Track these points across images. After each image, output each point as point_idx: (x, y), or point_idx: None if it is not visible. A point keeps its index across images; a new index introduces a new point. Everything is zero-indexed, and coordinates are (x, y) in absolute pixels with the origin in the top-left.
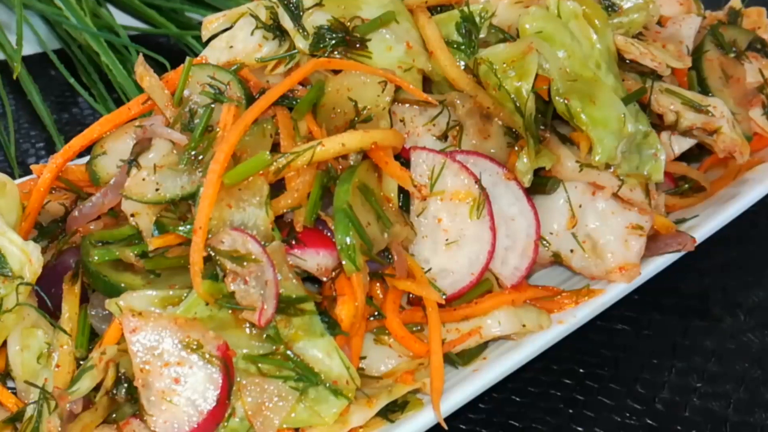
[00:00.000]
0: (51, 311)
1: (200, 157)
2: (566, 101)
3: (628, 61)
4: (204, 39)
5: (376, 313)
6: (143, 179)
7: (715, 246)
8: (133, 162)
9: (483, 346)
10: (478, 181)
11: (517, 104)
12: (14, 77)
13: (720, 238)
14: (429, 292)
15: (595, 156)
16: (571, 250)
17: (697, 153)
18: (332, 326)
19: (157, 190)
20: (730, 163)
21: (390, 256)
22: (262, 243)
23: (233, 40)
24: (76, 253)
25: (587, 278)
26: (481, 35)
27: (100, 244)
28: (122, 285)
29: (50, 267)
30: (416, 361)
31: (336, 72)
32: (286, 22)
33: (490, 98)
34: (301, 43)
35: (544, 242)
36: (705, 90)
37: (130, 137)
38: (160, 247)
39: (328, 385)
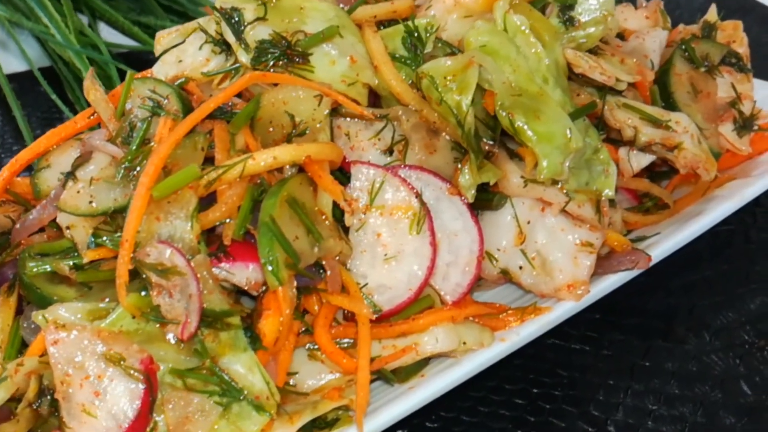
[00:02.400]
0: None
1: (136, 170)
2: (510, 116)
3: (580, 76)
4: (157, 54)
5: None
6: (78, 192)
7: (686, 265)
8: (70, 175)
9: (423, 363)
10: (418, 196)
11: (458, 118)
12: None
13: (692, 257)
14: (359, 308)
15: (540, 172)
16: (520, 267)
17: (668, 170)
18: (254, 341)
19: (90, 202)
20: (699, 180)
21: (322, 271)
22: (188, 256)
23: (183, 55)
24: (16, 266)
25: (538, 296)
26: (428, 50)
27: (38, 256)
28: (54, 297)
29: None
30: (346, 377)
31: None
32: (229, 37)
33: (435, 113)
34: (244, 57)
35: (492, 258)
36: (671, 105)
37: (75, 150)
38: (95, 259)
39: (250, 400)
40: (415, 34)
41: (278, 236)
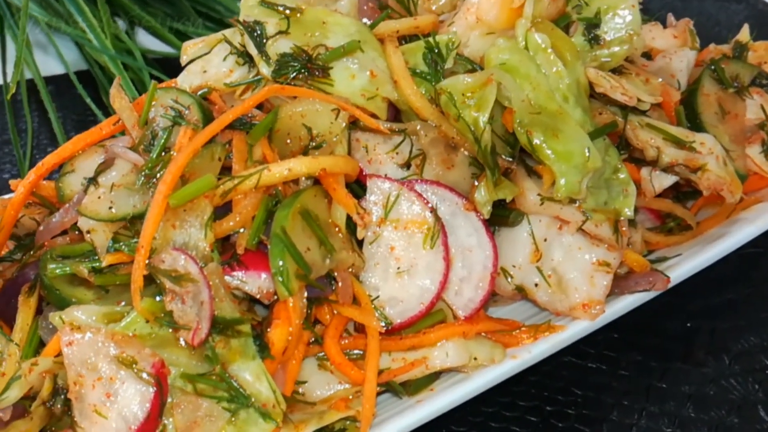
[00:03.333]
0: (10, 322)
1: (155, 178)
2: (528, 133)
3: (603, 95)
4: (183, 63)
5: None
6: (99, 197)
7: (710, 286)
8: (91, 180)
9: (433, 377)
10: (433, 210)
11: (475, 135)
12: (7, 98)
13: (716, 279)
14: (369, 320)
15: (557, 190)
16: (536, 284)
17: (693, 190)
18: (263, 349)
19: (110, 208)
20: (724, 202)
21: (333, 282)
22: (201, 264)
23: (208, 65)
24: (38, 267)
25: (553, 314)
26: (448, 65)
27: (59, 258)
28: (73, 299)
29: (13, 279)
30: (355, 388)
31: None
32: (251, 49)
33: (454, 128)
34: (265, 70)
35: (507, 275)
36: (698, 125)
37: (100, 156)
38: (114, 263)
39: (257, 407)
40: (436, 50)
41: (289, 247)
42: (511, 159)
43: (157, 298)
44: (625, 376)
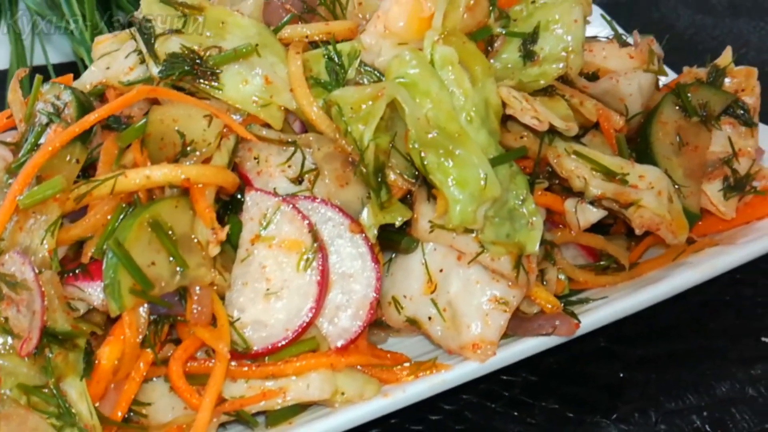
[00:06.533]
0: None
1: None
2: (422, 154)
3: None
4: (94, 59)
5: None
6: None
7: (658, 334)
8: None
9: (299, 409)
10: (312, 230)
11: (361, 151)
12: None
13: (668, 326)
14: (217, 344)
15: (450, 218)
16: (430, 318)
17: None
18: (88, 367)
19: None
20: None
21: (183, 301)
22: (38, 270)
23: (113, 62)
24: None
25: (446, 351)
26: (350, 76)
27: None
28: None
29: None
30: (195, 414)
31: None
32: (141, 47)
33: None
34: (154, 69)
35: (398, 305)
36: (648, 156)
37: None
38: None
39: (80, 428)
40: (336, 59)
41: (123, 259)
42: (413, 180)
43: None
44: (533, 425)
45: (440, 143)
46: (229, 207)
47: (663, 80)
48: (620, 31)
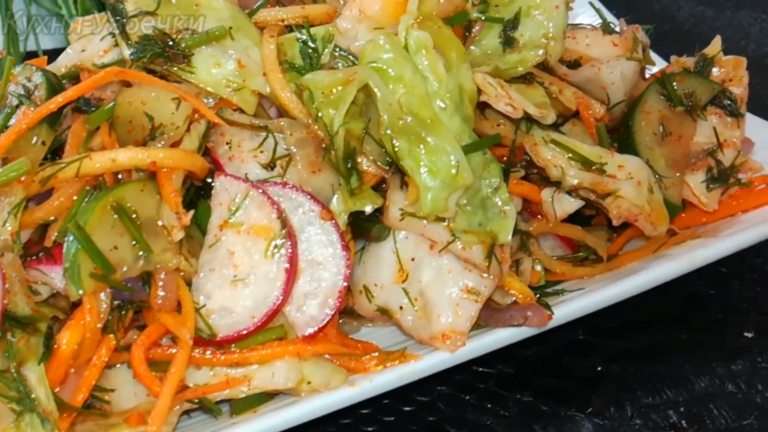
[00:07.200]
0: None
1: None
2: (394, 140)
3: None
4: (71, 42)
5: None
6: None
7: (639, 327)
8: None
9: (265, 398)
10: (282, 217)
11: (331, 136)
12: None
13: (650, 319)
14: (180, 330)
15: (420, 206)
16: (401, 307)
17: None
18: (46, 351)
19: None
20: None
21: (147, 286)
22: (0, 253)
23: (89, 44)
24: None
25: (417, 341)
26: (324, 60)
27: None
28: None
29: None
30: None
31: None
32: (114, 29)
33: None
34: (126, 52)
35: (369, 294)
36: (630, 146)
37: None
38: None
39: (38, 412)
40: (309, 43)
41: (83, 242)
42: (387, 167)
43: None
44: (506, 417)
45: (412, 129)
46: (201, 192)
47: (654, 70)
48: (614, 20)
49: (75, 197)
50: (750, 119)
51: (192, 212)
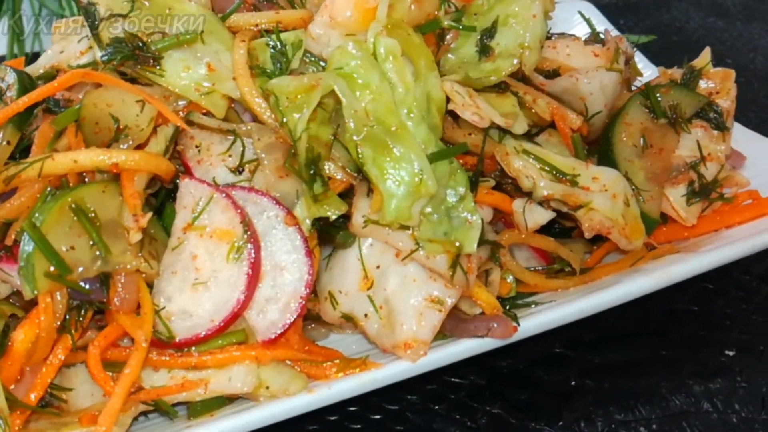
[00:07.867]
0: None
1: None
2: (359, 148)
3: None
4: (53, 43)
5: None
6: None
7: (619, 341)
8: None
9: (224, 401)
10: (245, 221)
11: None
12: None
13: (631, 333)
14: (136, 332)
15: (384, 214)
16: (366, 315)
17: None
18: (1, 348)
19: None
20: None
21: (105, 287)
22: None
23: (68, 46)
24: None
25: (381, 349)
26: (294, 65)
27: None
28: None
29: None
30: None
31: None
32: (88, 31)
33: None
34: (98, 54)
35: (334, 301)
36: (608, 157)
37: None
38: None
39: None
40: (279, 48)
41: (38, 242)
42: (355, 174)
43: None
44: (473, 429)
45: (378, 137)
46: (171, 195)
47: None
48: (614, 30)
49: (38, 197)
50: (744, 133)
51: (150, 214)
